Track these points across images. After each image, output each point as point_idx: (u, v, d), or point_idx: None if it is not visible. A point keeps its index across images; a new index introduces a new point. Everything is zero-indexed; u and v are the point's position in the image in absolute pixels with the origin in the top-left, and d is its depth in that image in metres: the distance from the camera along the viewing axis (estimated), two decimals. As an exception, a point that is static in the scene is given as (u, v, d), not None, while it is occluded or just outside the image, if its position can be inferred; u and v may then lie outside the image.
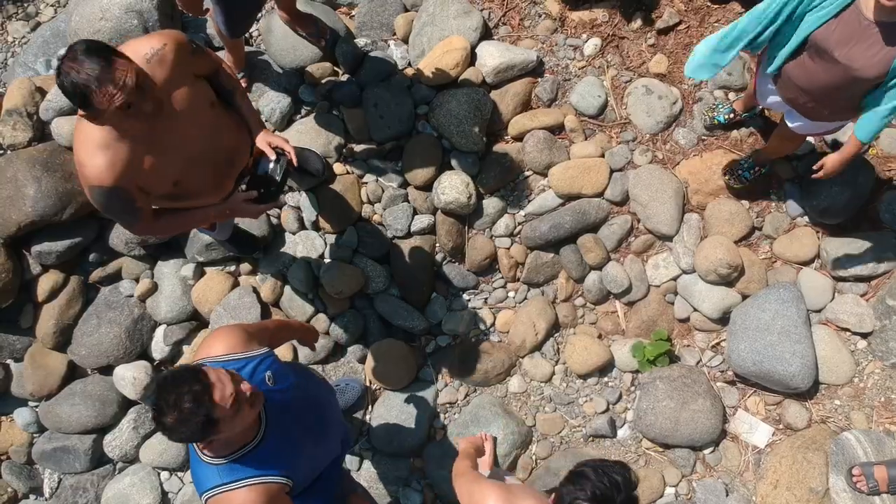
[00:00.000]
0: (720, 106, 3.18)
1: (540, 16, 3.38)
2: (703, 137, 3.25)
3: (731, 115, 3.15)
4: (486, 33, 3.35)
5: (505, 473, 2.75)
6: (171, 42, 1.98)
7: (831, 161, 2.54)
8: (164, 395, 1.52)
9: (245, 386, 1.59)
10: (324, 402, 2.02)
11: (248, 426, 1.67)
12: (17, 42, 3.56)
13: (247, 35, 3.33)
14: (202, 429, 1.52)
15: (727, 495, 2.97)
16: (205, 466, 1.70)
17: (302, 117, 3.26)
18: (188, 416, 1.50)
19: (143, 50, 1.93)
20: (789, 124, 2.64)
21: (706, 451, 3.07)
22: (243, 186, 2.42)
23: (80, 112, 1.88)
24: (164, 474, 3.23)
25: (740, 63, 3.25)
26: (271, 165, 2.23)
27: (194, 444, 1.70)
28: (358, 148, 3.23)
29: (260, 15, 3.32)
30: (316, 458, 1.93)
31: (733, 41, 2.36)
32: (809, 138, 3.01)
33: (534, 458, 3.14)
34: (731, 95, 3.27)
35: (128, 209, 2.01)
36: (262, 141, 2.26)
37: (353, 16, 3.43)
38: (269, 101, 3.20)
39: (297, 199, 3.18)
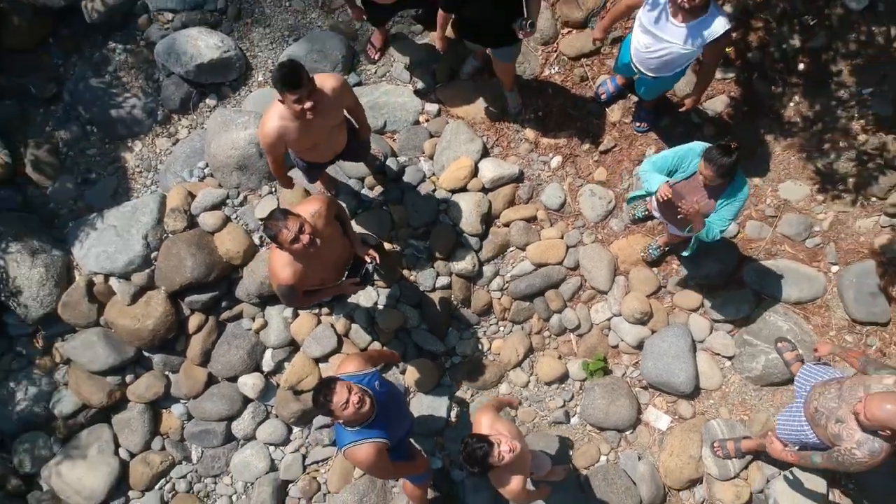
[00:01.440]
0: (638, 206, 4.82)
1: (521, 140, 5.02)
2: (628, 226, 4.89)
3: (646, 213, 4.79)
4: (485, 153, 4.98)
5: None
6: (325, 205, 3.56)
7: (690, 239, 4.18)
8: (316, 392, 3.12)
9: (354, 397, 3.14)
10: (400, 399, 3.66)
11: (366, 412, 3.25)
12: (162, 153, 5.17)
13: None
14: (327, 413, 3.12)
15: (639, 460, 4.62)
16: (344, 431, 3.31)
17: (363, 211, 4.88)
18: (323, 404, 3.09)
19: (311, 210, 3.50)
20: (668, 231, 4.29)
21: (627, 432, 4.71)
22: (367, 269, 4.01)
23: (274, 245, 3.45)
24: (272, 448, 4.86)
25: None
26: (368, 267, 3.85)
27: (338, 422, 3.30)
28: (400, 232, 4.87)
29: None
30: (399, 430, 3.55)
31: (656, 169, 3.88)
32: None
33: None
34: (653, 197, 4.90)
35: (294, 295, 3.61)
36: (361, 251, 3.86)
37: (396, 139, 5.06)
38: (340, 201, 4.83)
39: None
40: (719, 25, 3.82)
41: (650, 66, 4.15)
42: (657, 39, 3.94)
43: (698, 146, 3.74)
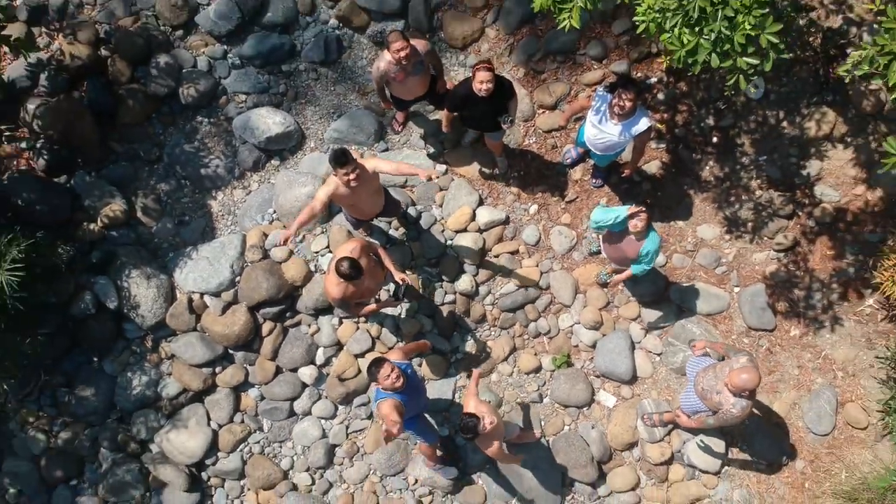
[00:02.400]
0: (594, 243, 6.54)
1: (507, 193, 6.73)
2: (586, 257, 6.61)
3: (598, 248, 6.51)
4: (481, 202, 6.70)
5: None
6: (359, 245, 5.26)
7: (619, 277, 5.89)
8: (370, 365, 4.83)
9: (393, 374, 4.85)
10: (420, 385, 5.38)
11: (399, 385, 4.93)
12: (238, 201, 6.88)
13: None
14: (374, 379, 4.82)
15: (592, 429, 6.33)
16: (380, 392, 4.99)
17: (391, 245, 6.58)
18: (373, 373, 4.79)
19: (349, 248, 5.20)
20: (612, 265, 6.03)
21: (584, 409, 6.43)
22: (387, 291, 5.72)
23: (328, 274, 5.15)
24: (323, 420, 6.57)
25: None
26: (402, 287, 5.54)
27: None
28: (418, 261, 6.59)
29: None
30: (417, 404, 5.25)
31: (601, 216, 5.60)
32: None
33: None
34: (600, 237, 6.63)
35: (347, 306, 5.31)
36: (397, 275, 5.56)
37: (414, 192, 6.78)
38: (375, 238, 6.54)
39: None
40: (643, 124, 5.54)
41: (598, 148, 5.89)
42: (601, 132, 5.67)
43: (624, 208, 5.46)
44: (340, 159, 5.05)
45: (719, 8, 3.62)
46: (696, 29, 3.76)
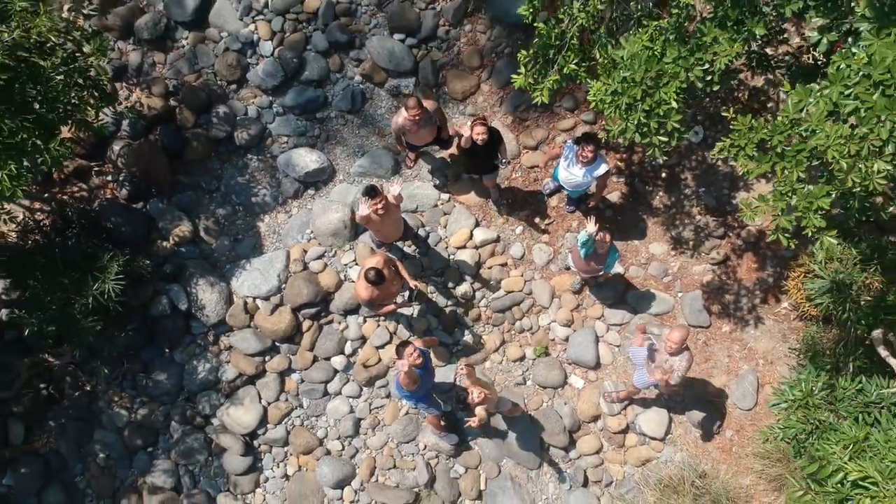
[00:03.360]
0: (566, 259, 8.20)
1: (498, 217, 8.39)
2: (561, 269, 8.27)
3: (569, 265, 8.16)
4: (477, 224, 8.35)
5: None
6: (381, 259, 6.90)
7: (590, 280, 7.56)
8: (399, 346, 6.49)
9: (416, 353, 6.49)
10: (432, 366, 7.04)
11: (419, 363, 6.56)
12: (282, 223, 8.53)
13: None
14: (401, 356, 6.48)
15: (565, 405, 7.99)
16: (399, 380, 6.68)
17: (405, 259, 8.23)
18: (400, 351, 6.45)
19: (372, 262, 6.84)
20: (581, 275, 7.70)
21: (559, 389, 8.08)
22: (402, 295, 7.37)
23: (358, 281, 6.80)
24: (351, 399, 8.22)
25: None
26: (415, 292, 7.19)
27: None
28: (426, 272, 8.24)
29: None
30: (427, 382, 6.90)
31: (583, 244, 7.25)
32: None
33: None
34: (570, 255, 8.28)
35: (372, 306, 6.96)
36: (411, 283, 7.20)
37: (423, 216, 8.41)
38: (393, 253, 8.20)
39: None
40: (602, 169, 7.20)
41: (568, 185, 7.55)
42: (570, 174, 7.33)
43: (586, 231, 7.11)
44: (370, 193, 6.72)
45: (639, 103, 5.26)
46: (625, 115, 5.40)
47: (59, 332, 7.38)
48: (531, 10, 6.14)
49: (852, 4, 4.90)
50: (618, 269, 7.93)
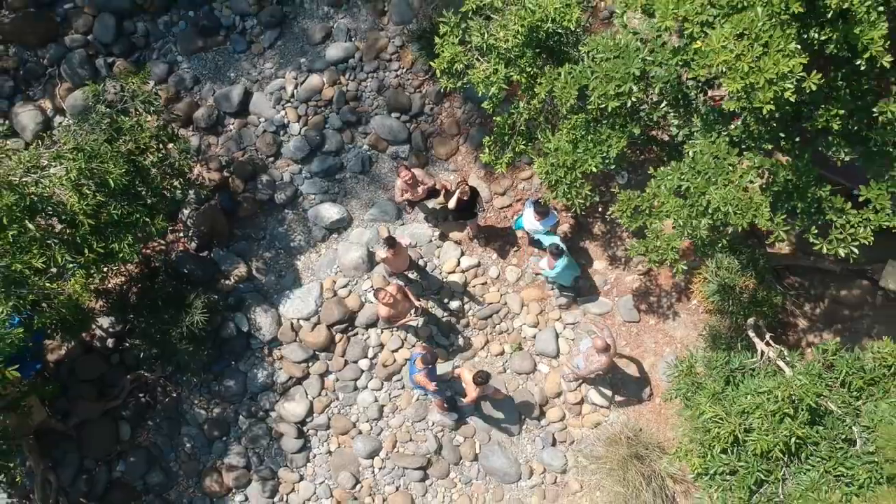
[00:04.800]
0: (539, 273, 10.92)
1: (478, 247, 11.09)
2: (528, 283, 10.98)
3: (537, 276, 10.88)
4: (462, 254, 11.06)
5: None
6: (396, 285, 9.61)
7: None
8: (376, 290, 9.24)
9: (431, 355, 9.19)
10: (436, 364, 9.74)
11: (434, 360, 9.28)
12: (314, 261, 11.20)
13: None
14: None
15: (535, 385, 10.70)
16: (414, 369, 9.36)
17: (409, 284, 10.92)
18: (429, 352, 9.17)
19: (389, 289, 9.55)
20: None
21: (530, 374, 10.78)
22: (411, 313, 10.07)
23: (379, 304, 9.48)
24: (375, 391, 10.90)
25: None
26: (419, 309, 9.88)
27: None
28: (426, 293, 10.93)
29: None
30: (433, 377, 9.59)
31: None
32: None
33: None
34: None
35: (391, 321, 9.67)
36: (415, 302, 9.86)
37: (420, 250, 11.11)
38: (401, 280, 10.89)
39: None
40: (552, 219, 9.93)
41: (532, 232, 10.27)
42: (531, 223, 10.05)
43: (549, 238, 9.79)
44: (390, 242, 9.45)
45: (563, 178, 7.95)
46: (555, 186, 8.09)
47: (160, 354, 10.06)
48: (492, 105, 8.83)
49: (693, 115, 7.63)
50: (570, 282, 10.65)
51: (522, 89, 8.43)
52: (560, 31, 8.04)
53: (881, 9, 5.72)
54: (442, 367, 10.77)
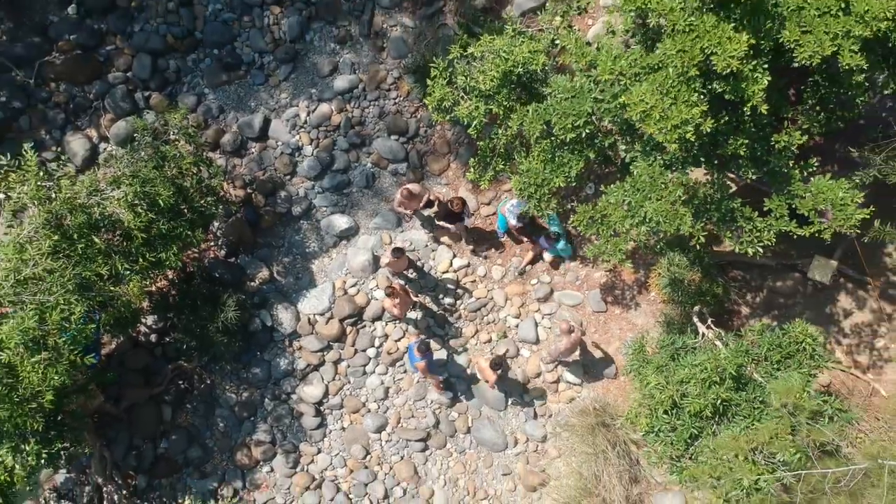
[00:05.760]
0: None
1: (468, 250, 12.90)
2: (510, 280, 12.79)
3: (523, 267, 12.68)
4: (454, 257, 12.85)
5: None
6: (398, 284, 11.42)
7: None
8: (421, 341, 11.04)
9: (423, 345, 10.99)
10: (432, 352, 11.54)
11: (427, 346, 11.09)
12: (326, 265, 13.00)
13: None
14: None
15: (518, 367, 12.51)
16: (414, 358, 11.16)
17: (408, 283, 12.72)
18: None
19: (393, 286, 11.35)
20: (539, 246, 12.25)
21: (514, 359, 12.59)
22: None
23: (385, 299, 11.29)
24: (382, 376, 12.71)
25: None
26: (418, 304, 11.67)
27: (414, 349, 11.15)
28: (424, 290, 12.73)
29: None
30: (432, 362, 11.39)
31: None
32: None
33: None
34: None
35: (397, 315, 11.48)
36: (414, 298, 11.68)
37: (418, 255, 12.91)
38: (402, 280, 12.70)
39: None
40: (522, 203, 11.76)
41: (512, 217, 12.09)
42: (511, 214, 11.87)
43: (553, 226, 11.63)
44: (397, 252, 11.26)
45: (535, 194, 9.75)
46: (528, 199, 9.90)
47: (199, 346, 11.86)
48: (476, 131, 10.61)
49: (636, 141, 9.43)
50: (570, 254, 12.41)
51: (500, 119, 10.23)
52: (529, 72, 9.83)
53: (766, 66, 7.53)
54: (439, 353, 12.59)
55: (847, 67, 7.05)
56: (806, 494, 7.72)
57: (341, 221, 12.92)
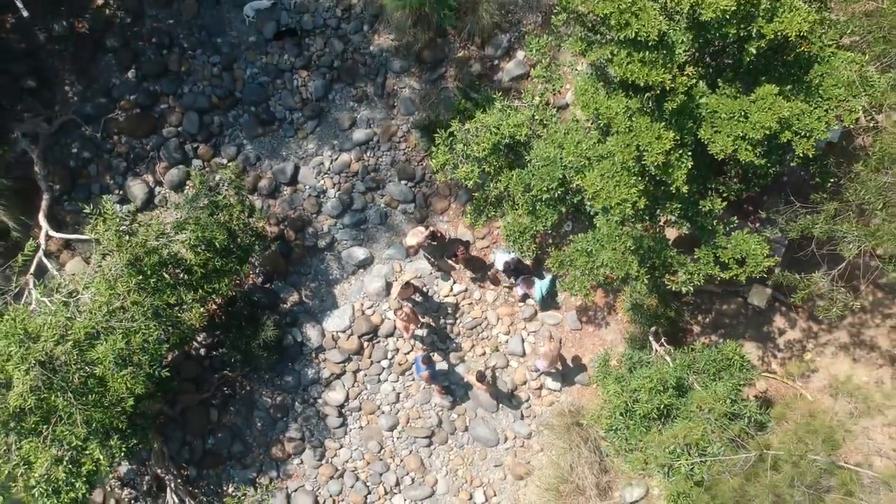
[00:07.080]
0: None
1: (465, 276, 15.35)
2: (501, 303, 15.24)
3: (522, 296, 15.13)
4: (455, 282, 15.30)
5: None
6: (409, 307, 13.87)
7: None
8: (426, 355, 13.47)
9: (426, 355, 13.42)
10: (434, 362, 13.98)
11: (430, 358, 13.51)
12: (347, 289, 15.45)
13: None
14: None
15: (508, 376, 14.95)
16: (420, 368, 13.60)
17: (417, 306, 15.16)
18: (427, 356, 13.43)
19: (405, 308, 13.79)
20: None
21: (505, 369, 15.04)
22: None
23: (397, 319, 13.74)
24: (393, 383, 15.18)
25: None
26: (423, 323, 14.11)
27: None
28: (428, 311, 15.19)
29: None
30: (434, 371, 13.82)
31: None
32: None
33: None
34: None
35: (407, 328, 13.95)
36: (421, 319, 14.12)
37: (423, 280, 15.37)
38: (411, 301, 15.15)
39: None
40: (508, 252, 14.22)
41: (501, 265, 14.55)
42: (502, 262, 14.33)
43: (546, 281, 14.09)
44: (406, 285, 13.72)
45: (519, 239, 12.17)
46: (513, 243, 12.32)
47: (243, 359, 14.34)
48: (475, 185, 13.02)
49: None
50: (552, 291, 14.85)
51: (491, 175, 12.67)
52: (515, 140, 12.26)
53: (690, 153, 9.96)
54: (440, 365, 15.05)
55: (746, 160, 9.46)
56: (714, 476, 10.17)
57: (359, 253, 15.37)
